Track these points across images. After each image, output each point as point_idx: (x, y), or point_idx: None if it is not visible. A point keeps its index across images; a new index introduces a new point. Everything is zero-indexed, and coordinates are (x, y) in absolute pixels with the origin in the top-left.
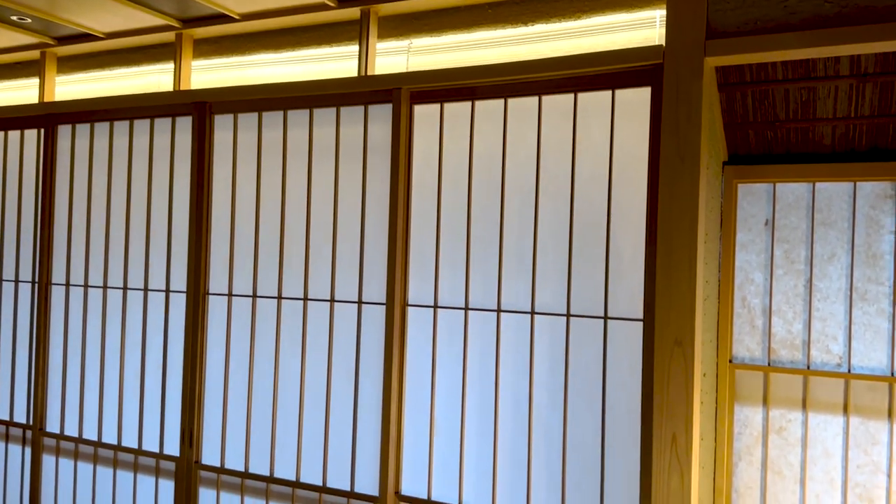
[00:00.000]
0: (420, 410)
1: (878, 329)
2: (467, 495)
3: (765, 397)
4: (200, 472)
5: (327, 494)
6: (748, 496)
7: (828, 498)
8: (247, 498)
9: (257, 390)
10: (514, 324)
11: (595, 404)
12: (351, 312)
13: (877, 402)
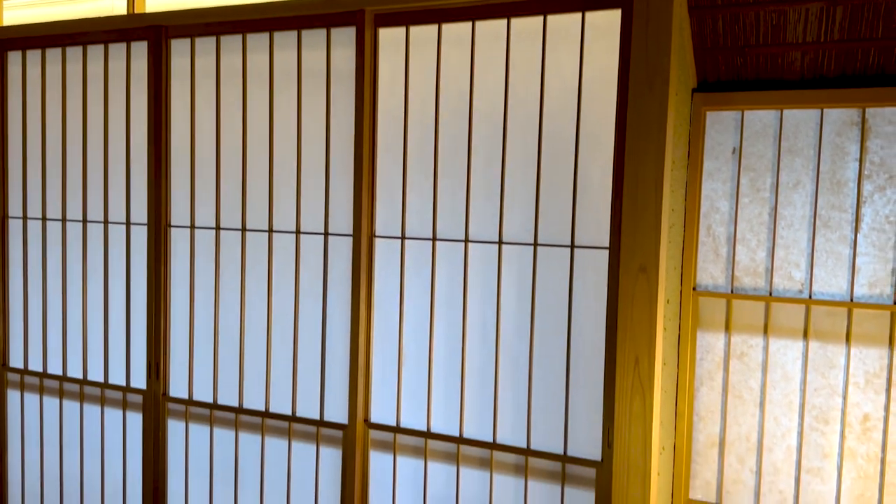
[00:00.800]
0: (388, 340)
1: (840, 256)
2: (435, 421)
3: (727, 324)
4: (168, 404)
5: (297, 423)
6: (709, 419)
7: (786, 420)
8: (216, 429)
9: (224, 322)
10: (482, 254)
11: (560, 331)
12: (317, 244)
13: (836, 327)
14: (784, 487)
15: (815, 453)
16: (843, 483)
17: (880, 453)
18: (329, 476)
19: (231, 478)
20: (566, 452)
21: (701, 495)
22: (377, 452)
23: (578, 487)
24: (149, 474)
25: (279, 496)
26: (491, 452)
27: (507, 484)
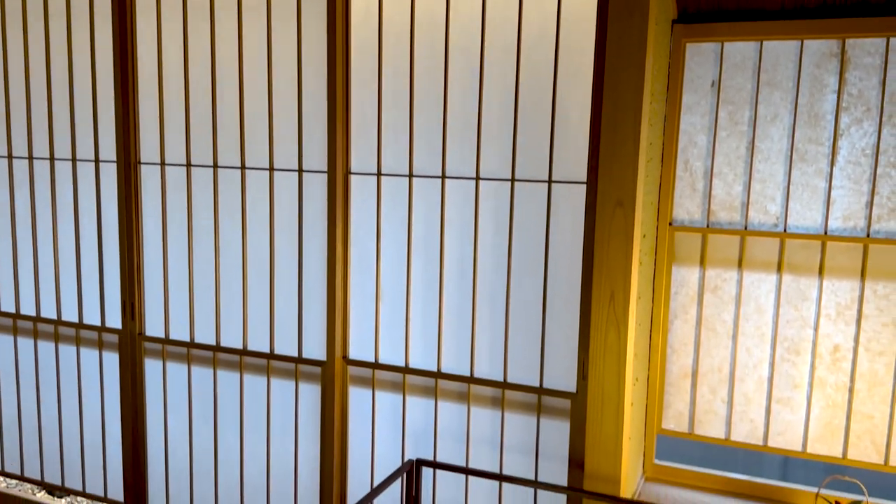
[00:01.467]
0: (365, 277)
1: (815, 189)
2: (414, 357)
3: (702, 258)
4: (145, 343)
5: (275, 361)
6: (682, 352)
7: (758, 351)
8: (194, 367)
9: (198, 261)
10: (459, 190)
11: (537, 266)
12: (291, 181)
13: (809, 259)
14: (755, 417)
15: (785, 383)
16: (812, 412)
17: (849, 383)
18: (308, 411)
19: (210, 415)
20: (542, 385)
21: (673, 425)
22: (356, 388)
23: (554, 418)
24: (127, 413)
25: (259, 432)
26: (468, 386)
27: (485, 416)
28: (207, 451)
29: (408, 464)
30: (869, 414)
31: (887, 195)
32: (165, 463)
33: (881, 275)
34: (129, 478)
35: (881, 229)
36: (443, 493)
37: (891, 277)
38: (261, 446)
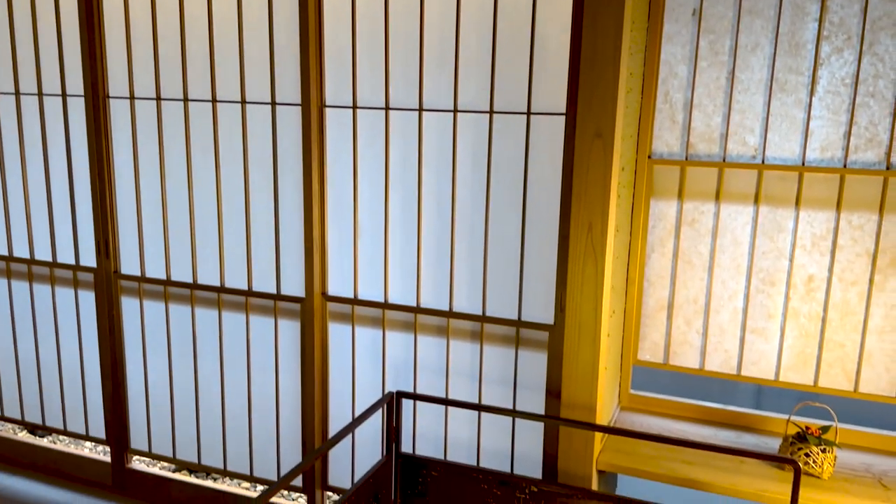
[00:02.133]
0: (343, 213)
1: (794, 119)
2: (393, 292)
3: (680, 191)
4: (120, 281)
5: (254, 298)
6: (658, 285)
7: (733, 283)
8: (171, 305)
9: (172, 198)
10: (437, 123)
11: (516, 199)
12: (264, 115)
13: (786, 191)
14: (729, 347)
15: (759, 314)
16: (785, 341)
17: (822, 312)
18: (288, 347)
19: (189, 352)
20: (520, 317)
21: (649, 356)
22: (335, 324)
23: (531, 350)
24: (106, 351)
25: (239, 368)
26: (448, 320)
27: (464, 349)
28: (188, 388)
29: (388, 395)
30: (840, 342)
31: (865, 125)
32: (146, 400)
33: (856, 205)
34: (110, 416)
35: (858, 160)
36: (423, 424)
37: (866, 208)
38: (241, 382)
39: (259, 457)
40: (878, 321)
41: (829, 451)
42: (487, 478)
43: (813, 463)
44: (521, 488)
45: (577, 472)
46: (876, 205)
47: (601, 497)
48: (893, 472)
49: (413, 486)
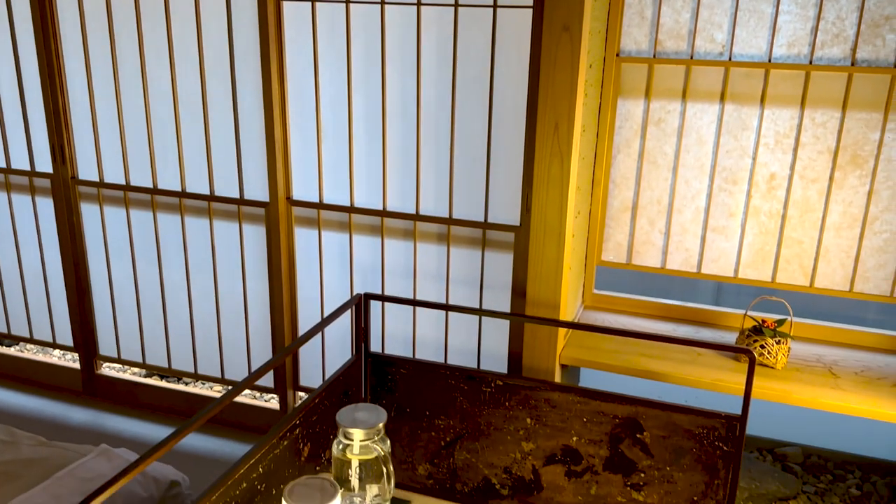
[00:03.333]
0: (305, 114)
1: (763, 15)
2: (359, 196)
3: (647, 90)
4: (78, 187)
5: (216, 203)
6: (623, 186)
7: (696, 183)
8: (132, 210)
9: (127, 101)
10: (400, 17)
11: (482, 98)
12: (218, 8)
13: (752, 88)
14: (690, 246)
15: (721, 213)
16: (745, 239)
17: (782, 210)
18: (255, 252)
19: (154, 258)
20: (486, 219)
21: (612, 257)
22: (301, 228)
23: (498, 251)
24: (68, 259)
25: (205, 274)
26: (414, 223)
27: (431, 252)
28: (154, 295)
29: (356, 297)
30: (799, 239)
31: (832, 20)
32: (112, 307)
33: (820, 102)
34: (77, 323)
35: (824, 56)
36: (392, 326)
37: (829, 105)
38: (208, 287)
39: (230, 361)
40: (835, 218)
41: (783, 342)
42: (454, 374)
43: (767, 354)
44: (486, 382)
45: (542, 366)
46: (839, 102)
47: (563, 388)
48: (843, 361)
49: (382, 384)
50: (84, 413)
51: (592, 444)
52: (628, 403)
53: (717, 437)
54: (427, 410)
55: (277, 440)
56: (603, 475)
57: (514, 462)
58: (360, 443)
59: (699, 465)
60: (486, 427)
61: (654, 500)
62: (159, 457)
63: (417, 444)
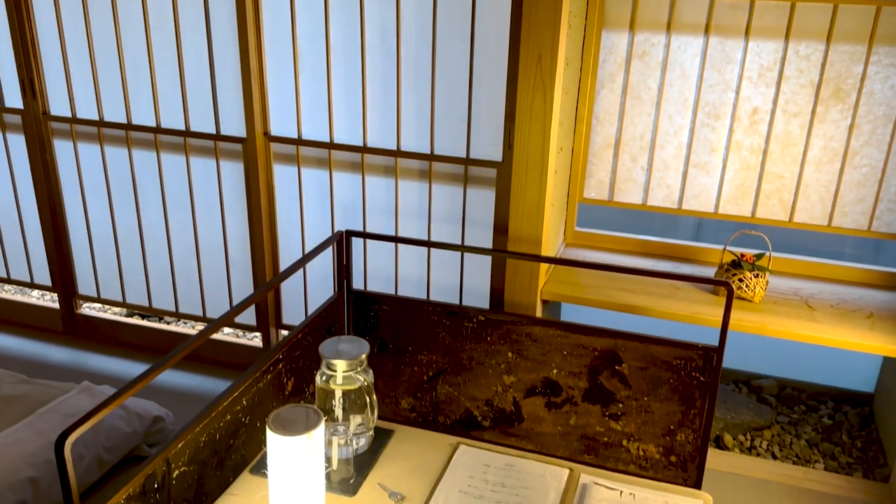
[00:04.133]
0: (282, 48)
1: None
2: (338, 132)
3: (632, 21)
4: (51, 123)
5: (192, 138)
6: (607, 121)
7: (679, 118)
8: (106, 147)
9: (98, 34)
10: None
11: (464, 31)
12: None
13: (737, 20)
14: (672, 182)
15: (703, 148)
16: (726, 174)
17: (763, 144)
18: (233, 189)
19: (130, 196)
20: (468, 155)
21: (594, 194)
22: (280, 165)
23: (480, 187)
24: (43, 197)
25: (183, 211)
26: (395, 160)
27: (412, 188)
28: (132, 233)
29: (337, 234)
30: (779, 174)
31: None
32: (90, 245)
33: (805, 34)
34: (54, 262)
35: None
36: (374, 264)
37: (813, 37)
38: (187, 225)
39: (211, 299)
40: (816, 152)
41: (761, 276)
42: (437, 310)
43: (746, 287)
44: (468, 318)
45: (523, 302)
46: (824, 34)
47: (544, 323)
48: (820, 294)
49: (365, 320)
50: (65, 352)
51: (572, 376)
52: (607, 336)
53: (695, 368)
54: (410, 346)
55: (261, 374)
56: (582, 406)
57: (496, 395)
58: (343, 373)
59: (676, 396)
60: (468, 361)
61: (632, 430)
62: (138, 390)
63: (400, 379)
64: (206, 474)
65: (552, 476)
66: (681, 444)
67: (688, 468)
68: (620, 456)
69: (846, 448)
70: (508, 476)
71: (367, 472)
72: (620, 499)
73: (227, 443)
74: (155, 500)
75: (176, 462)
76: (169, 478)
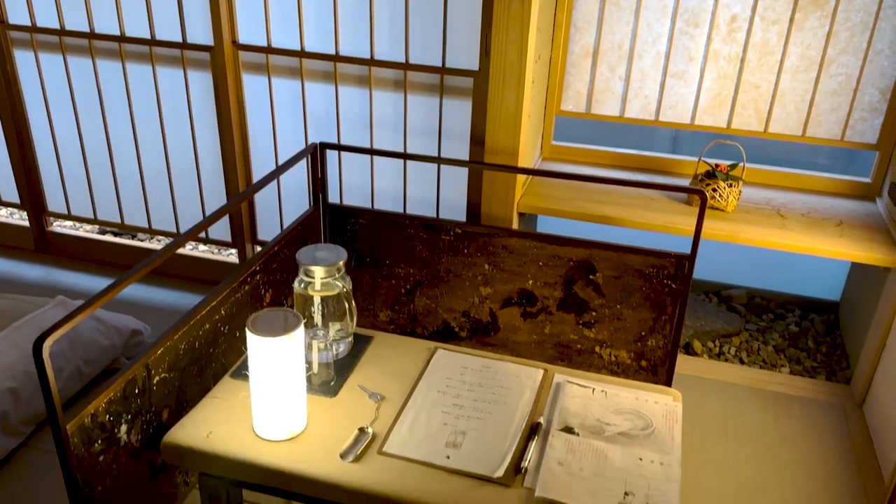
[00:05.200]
0: None
1: None
2: (309, 40)
3: None
4: (9, 32)
5: (158, 47)
6: (585, 30)
7: (658, 26)
8: (69, 57)
9: None
10: None
11: None
12: None
13: None
14: (649, 93)
15: (681, 57)
16: (703, 84)
17: (741, 53)
18: (202, 101)
19: (96, 108)
20: (444, 64)
21: (572, 106)
22: (250, 75)
23: (456, 98)
24: (6, 111)
25: (152, 124)
26: (369, 69)
27: (387, 99)
28: (100, 147)
29: (311, 146)
30: (756, 84)
31: None
32: (57, 161)
33: None
34: (22, 180)
35: None
36: (350, 177)
37: None
38: (156, 138)
39: (184, 215)
40: (794, 61)
41: (734, 185)
42: (413, 223)
43: (719, 197)
44: (445, 231)
45: (499, 215)
46: None
47: (520, 234)
48: (791, 204)
49: (342, 234)
50: (37, 270)
51: (547, 286)
52: (582, 247)
53: (666, 276)
54: (387, 259)
55: (238, 284)
56: (556, 315)
57: (472, 306)
58: (322, 280)
59: (648, 303)
60: (446, 274)
61: (605, 337)
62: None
63: (378, 292)
64: (186, 381)
65: (527, 376)
66: (651, 349)
67: (658, 372)
68: (593, 362)
69: (811, 353)
70: (485, 377)
71: (347, 375)
72: (593, 396)
73: (206, 351)
74: (136, 405)
75: (156, 368)
76: (149, 383)
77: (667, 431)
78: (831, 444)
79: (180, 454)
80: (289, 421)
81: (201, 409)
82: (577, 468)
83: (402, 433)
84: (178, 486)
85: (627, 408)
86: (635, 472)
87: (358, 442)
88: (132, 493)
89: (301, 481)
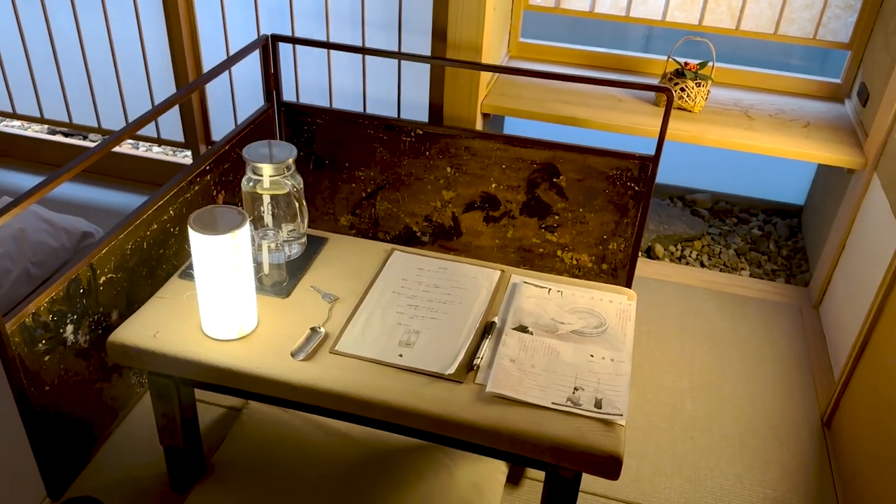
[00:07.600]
0: None
1: None
2: None
3: None
4: None
5: None
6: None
7: None
8: None
9: None
10: None
11: None
12: None
13: None
14: None
15: None
16: None
17: None
18: None
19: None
20: None
21: (540, 0)
22: None
23: None
24: None
25: (95, 16)
26: None
27: None
28: (42, 42)
29: (262, 38)
30: None
31: None
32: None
33: None
34: None
35: None
36: (306, 74)
37: None
38: (100, 32)
39: (133, 112)
40: None
41: (703, 85)
42: (374, 123)
43: (687, 97)
44: (406, 132)
45: (463, 115)
46: None
47: (483, 136)
48: (760, 105)
49: (299, 135)
50: None
51: (510, 189)
52: (546, 149)
53: (630, 178)
54: (347, 162)
55: (187, 184)
56: (519, 219)
57: (435, 210)
58: (270, 178)
59: (611, 206)
60: (407, 177)
61: (567, 241)
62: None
63: (338, 196)
64: (135, 282)
65: (484, 277)
66: (612, 252)
67: (618, 275)
68: (555, 266)
69: (772, 257)
70: (441, 278)
71: (300, 276)
72: (548, 296)
73: (156, 252)
74: (83, 305)
75: (101, 268)
76: (95, 283)
77: (619, 329)
78: (786, 344)
79: (126, 353)
80: (238, 320)
81: (148, 309)
82: (529, 365)
83: (354, 333)
84: (133, 387)
85: (582, 307)
86: (586, 368)
87: (310, 341)
88: (83, 394)
89: (251, 379)
